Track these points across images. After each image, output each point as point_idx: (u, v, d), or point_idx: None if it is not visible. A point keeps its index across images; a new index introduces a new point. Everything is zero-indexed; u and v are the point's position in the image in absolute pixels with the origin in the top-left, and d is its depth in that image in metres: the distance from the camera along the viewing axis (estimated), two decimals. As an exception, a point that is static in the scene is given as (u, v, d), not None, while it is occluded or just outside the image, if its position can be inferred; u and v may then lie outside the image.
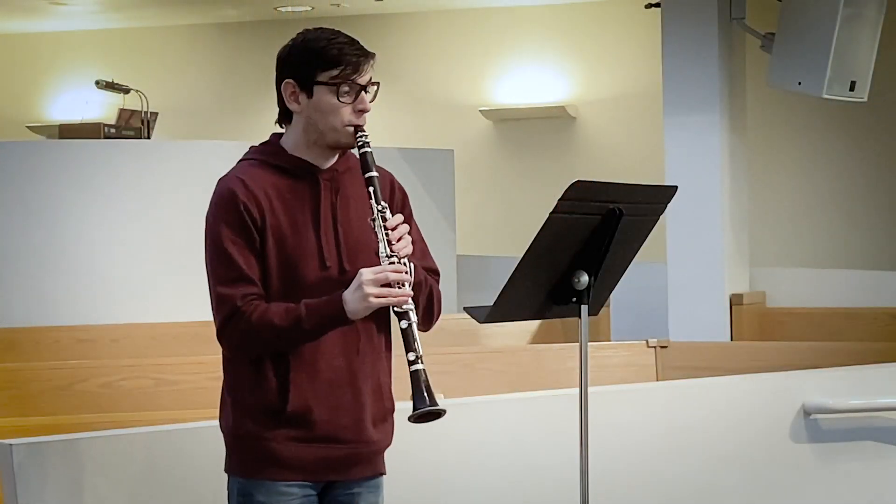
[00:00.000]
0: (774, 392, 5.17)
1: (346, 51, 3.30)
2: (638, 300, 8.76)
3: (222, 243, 3.25)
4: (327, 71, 3.29)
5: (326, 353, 3.28)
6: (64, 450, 3.89)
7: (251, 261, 3.25)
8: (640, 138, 11.53)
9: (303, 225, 3.29)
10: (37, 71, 13.43)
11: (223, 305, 3.25)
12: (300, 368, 3.26)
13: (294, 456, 3.27)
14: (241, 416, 3.30)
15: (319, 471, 3.31)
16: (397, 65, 12.47)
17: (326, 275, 3.28)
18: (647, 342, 6.74)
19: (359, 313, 3.22)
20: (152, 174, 8.61)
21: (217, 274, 3.27)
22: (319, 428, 3.28)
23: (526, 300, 3.62)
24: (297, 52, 3.33)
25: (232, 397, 3.33)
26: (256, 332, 3.22)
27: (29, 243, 8.39)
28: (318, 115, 3.31)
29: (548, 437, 4.63)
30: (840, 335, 8.06)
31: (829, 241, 10.82)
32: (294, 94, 3.32)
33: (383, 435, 3.39)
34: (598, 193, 3.60)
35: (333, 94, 3.29)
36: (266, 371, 3.27)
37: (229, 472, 3.35)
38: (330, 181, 3.34)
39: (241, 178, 3.29)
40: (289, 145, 3.36)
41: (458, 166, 10.21)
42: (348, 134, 3.31)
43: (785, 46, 7.80)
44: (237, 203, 3.25)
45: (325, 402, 3.28)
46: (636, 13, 10.59)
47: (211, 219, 3.29)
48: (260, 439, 3.27)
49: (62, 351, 7.58)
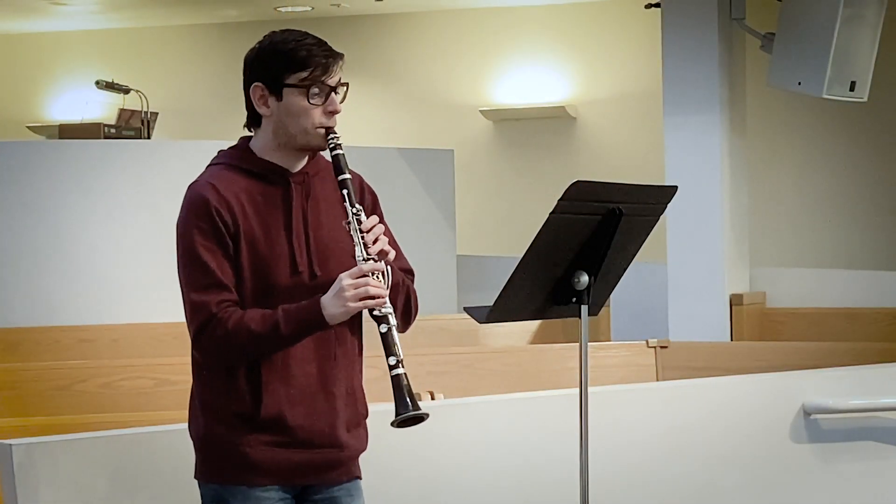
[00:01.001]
0: (774, 392, 5.17)
1: (314, 52, 3.25)
2: (638, 300, 8.76)
3: (196, 249, 3.20)
4: (296, 73, 3.25)
5: (299, 359, 3.25)
6: (64, 450, 3.88)
7: (225, 267, 3.21)
8: (640, 138, 11.53)
9: (275, 229, 3.26)
10: (37, 71, 13.43)
11: (198, 313, 3.20)
12: (273, 375, 3.23)
13: (269, 461, 3.24)
14: (213, 421, 3.26)
15: (294, 475, 3.28)
16: (397, 65, 12.48)
17: (298, 280, 3.25)
18: (646, 342, 6.74)
19: (337, 318, 3.19)
20: (152, 174, 8.60)
21: (191, 281, 3.22)
22: (293, 433, 3.25)
23: (526, 300, 3.62)
24: (265, 55, 3.29)
25: (203, 403, 3.29)
26: (233, 338, 3.18)
27: (29, 243, 8.39)
28: (288, 118, 3.27)
29: (548, 437, 4.63)
30: (840, 335, 8.06)
31: (829, 241, 10.82)
32: (263, 97, 3.28)
33: (357, 440, 3.37)
34: (598, 193, 3.59)
35: (303, 96, 3.25)
36: (239, 376, 3.23)
37: (201, 479, 3.31)
38: (301, 185, 3.30)
39: (213, 184, 3.25)
40: (258, 149, 3.32)
41: (458, 166, 10.21)
42: (319, 136, 3.28)
43: (785, 46, 7.80)
44: (209, 209, 3.21)
45: (299, 407, 3.25)
46: (636, 13, 10.59)
47: (183, 225, 3.25)
48: (234, 444, 3.24)
49: (62, 351, 7.58)
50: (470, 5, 12.20)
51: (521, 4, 12.05)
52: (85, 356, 7.41)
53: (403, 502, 4.31)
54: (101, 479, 3.89)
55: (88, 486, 3.87)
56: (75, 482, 3.86)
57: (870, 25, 7.81)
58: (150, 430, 4.10)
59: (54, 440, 3.92)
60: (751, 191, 8.83)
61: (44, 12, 12.40)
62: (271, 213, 3.26)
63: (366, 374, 3.45)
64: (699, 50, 8.16)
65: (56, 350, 7.58)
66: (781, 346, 7.17)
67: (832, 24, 7.57)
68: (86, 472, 3.88)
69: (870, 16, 7.79)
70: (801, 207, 10.96)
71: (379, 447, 4.20)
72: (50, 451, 3.86)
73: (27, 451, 3.79)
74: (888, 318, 8.25)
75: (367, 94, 12.42)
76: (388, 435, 3.39)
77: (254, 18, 12.78)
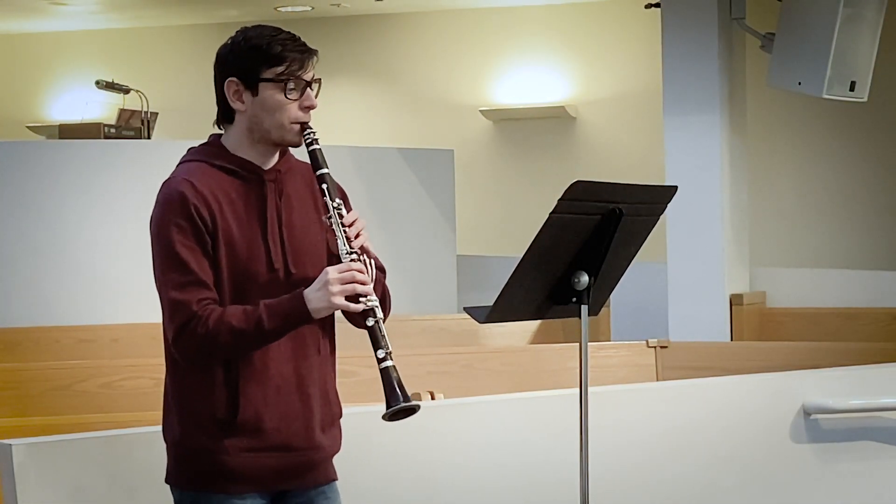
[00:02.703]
0: (774, 392, 5.17)
1: (290, 47, 3.25)
2: (638, 300, 8.76)
3: (174, 247, 3.16)
4: (272, 68, 3.24)
5: (276, 359, 3.22)
6: (64, 450, 3.88)
7: (204, 264, 3.17)
8: (640, 138, 11.53)
9: (250, 227, 3.22)
10: (37, 71, 13.43)
11: (178, 312, 3.16)
12: (250, 376, 3.19)
13: (246, 467, 3.21)
14: (190, 426, 3.23)
15: (272, 481, 3.25)
16: (397, 65, 12.48)
17: (274, 277, 3.22)
18: (647, 342, 6.74)
19: (321, 312, 3.16)
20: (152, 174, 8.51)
21: (169, 279, 3.17)
22: (270, 437, 3.22)
23: (526, 300, 3.62)
24: (239, 50, 3.28)
25: (178, 406, 3.26)
26: (215, 336, 3.13)
27: (29, 243, 8.39)
28: (263, 113, 3.25)
29: (548, 437, 4.63)
30: (840, 335, 8.06)
31: (829, 241, 10.81)
32: (238, 92, 3.27)
33: (332, 440, 3.34)
34: (598, 193, 3.59)
35: (280, 90, 3.23)
36: (215, 379, 3.19)
37: (176, 484, 3.28)
38: (274, 182, 3.28)
39: (189, 180, 3.21)
40: (231, 145, 3.30)
41: (458, 166, 10.21)
42: (294, 131, 3.26)
43: (785, 46, 7.80)
44: (187, 205, 3.17)
45: (275, 409, 3.22)
46: (636, 13, 10.59)
47: (159, 223, 3.20)
48: (211, 452, 3.20)
49: (62, 351, 7.58)
50: (470, 5, 12.20)
51: (521, 4, 12.05)
52: (85, 356, 7.41)
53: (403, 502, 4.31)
54: (101, 479, 3.89)
55: (88, 486, 3.87)
56: (75, 482, 3.85)
57: (870, 25, 7.81)
58: (150, 430, 4.09)
59: (54, 440, 3.91)
60: (751, 191, 8.83)
61: (44, 12, 12.40)
62: (247, 210, 3.23)
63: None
64: (699, 50, 8.16)
65: (56, 350, 7.58)
66: (781, 346, 7.17)
67: (832, 24, 7.57)
68: (86, 472, 3.88)
69: (870, 16, 7.80)
70: (801, 207, 10.96)
71: (378, 447, 4.20)
72: (50, 451, 3.85)
73: (27, 451, 3.79)
74: (888, 318, 8.25)
75: (367, 94, 12.43)
76: (388, 435, 3.39)
77: (254, 18, 12.77)
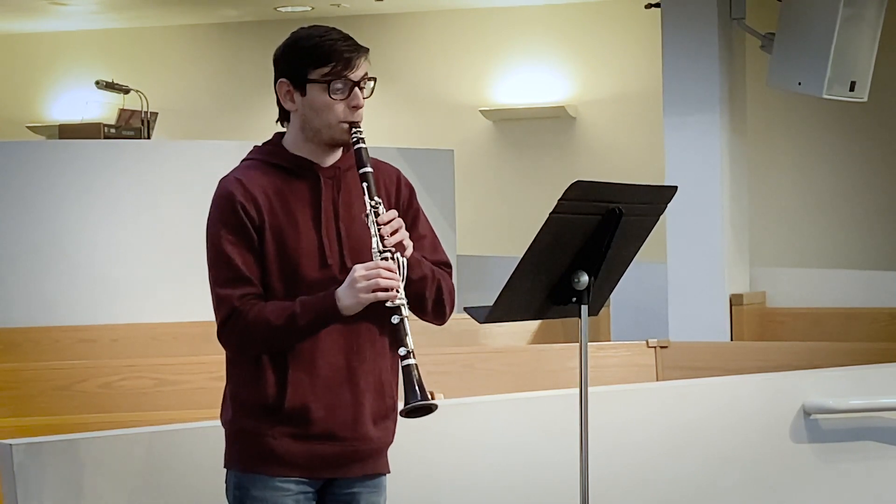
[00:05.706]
0: (774, 392, 5.17)
1: (336, 47, 3.30)
2: (638, 300, 8.76)
3: (220, 244, 3.28)
4: (319, 68, 3.30)
5: (326, 352, 3.29)
6: (64, 450, 3.89)
7: (249, 261, 3.27)
8: (640, 138, 11.53)
9: (303, 223, 3.30)
10: (37, 71, 13.43)
11: (222, 306, 3.28)
12: (299, 366, 3.28)
13: (290, 452, 3.29)
14: (239, 411, 3.33)
15: (315, 467, 3.32)
16: (397, 65, 12.48)
17: (327, 273, 3.29)
18: (647, 342, 6.74)
19: (350, 309, 3.23)
20: (152, 174, 8.60)
21: (216, 275, 3.30)
22: (316, 425, 3.29)
23: (526, 300, 3.62)
24: (289, 52, 3.35)
25: (231, 393, 3.37)
26: (253, 330, 3.25)
27: (29, 243, 8.38)
28: (312, 113, 3.32)
29: (548, 437, 4.63)
30: (840, 335, 8.05)
31: (829, 241, 10.82)
32: (289, 92, 3.34)
33: (384, 433, 3.39)
34: (598, 193, 3.59)
35: (325, 91, 3.30)
36: (265, 368, 3.29)
37: (227, 465, 3.38)
38: (332, 179, 3.35)
39: (239, 179, 3.31)
40: (289, 144, 3.38)
41: (458, 166, 10.21)
42: (343, 130, 3.32)
43: (785, 46, 7.80)
44: (234, 204, 3.27)
45: (323, 399, 3.29)
46: (636, 13, 10.58)
47: (210, 221, 3.33)
48: (257, 435, 3.29)
49: (62, 351, 7.58)
50: (470, 5, 12.20)
51: (521, 4, 12.05)
52: (85, 356, 7.40)
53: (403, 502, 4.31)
54: (101, 479, 3.90)
55: (88, 486, 3.87)
56: (75, 482, 3.86)
57: (870, 25, 7.81)
58: (150, 430, 4.10)
59: (54, 440, 3.92)
60: (751, 191, 8.83)
61: (44, 12, 12.40)
62: (300, 207, 3.31)
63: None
64: (699, 50, 8.16)
65: (56, 350, 7.57)
66: (781, 346, 7.17)
67: (832, 25, 7.57)
68: (86, 472, 3.88)
69: (870, 16, 7.80)
70: (801, 207, 10.96)
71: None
72: (50, 451, 3.86)
73: (27, 451, 3.79)
74: (888, 318, 8.24)
75: (367, 94, 12.41)
76: (388, 435, 3.40)
77: (254, 18, 12.78)
